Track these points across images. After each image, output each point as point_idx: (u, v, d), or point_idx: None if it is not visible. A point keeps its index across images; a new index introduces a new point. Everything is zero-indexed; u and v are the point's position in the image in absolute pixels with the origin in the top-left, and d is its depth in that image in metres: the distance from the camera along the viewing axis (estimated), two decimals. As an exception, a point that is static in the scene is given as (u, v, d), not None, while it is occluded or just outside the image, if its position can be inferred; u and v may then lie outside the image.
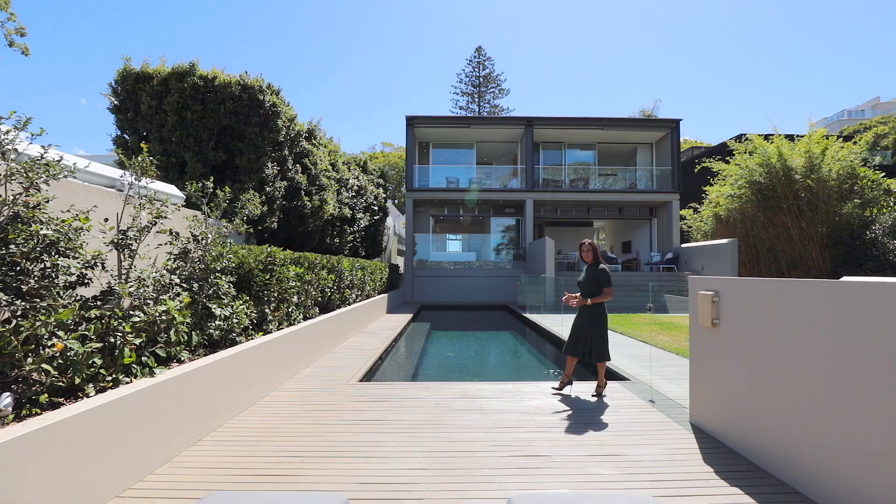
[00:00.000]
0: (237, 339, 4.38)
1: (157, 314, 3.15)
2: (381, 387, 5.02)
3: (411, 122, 18.43)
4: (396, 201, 40.94)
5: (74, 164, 3.02)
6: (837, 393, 2.40)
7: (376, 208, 15.74)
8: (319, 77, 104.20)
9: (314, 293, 6.70)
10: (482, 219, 20.81)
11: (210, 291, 4.05)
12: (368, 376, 5.87)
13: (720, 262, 14.95)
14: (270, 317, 5.14)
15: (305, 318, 6.47)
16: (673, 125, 18.66)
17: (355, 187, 12.55)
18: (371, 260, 13.74)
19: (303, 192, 8.24)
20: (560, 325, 9.92)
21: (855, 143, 13.19)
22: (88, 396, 2.57)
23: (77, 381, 2.50)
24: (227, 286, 4.26)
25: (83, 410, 2.34)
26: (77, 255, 2.74)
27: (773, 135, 14.82)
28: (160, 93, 6.81)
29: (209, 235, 4.09)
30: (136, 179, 3.30)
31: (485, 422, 3.82)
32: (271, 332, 5.11)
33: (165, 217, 3.38)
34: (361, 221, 13.39)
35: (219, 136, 6.99)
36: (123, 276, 3.11)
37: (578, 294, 4.67)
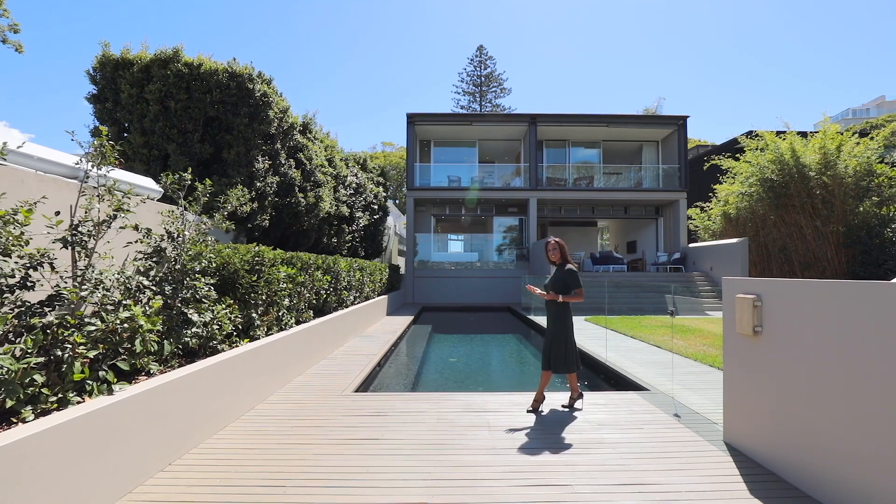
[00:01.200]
0: (219, 347, 3.97)
1: (118, 322, 2.74)
2: (378, 398, 4.61)
3: (412, 119, 18.03)
4: (398, 201, 40.53)
5: (4, 143, 2.58)
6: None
7: (376, 207, 15.32)
8: (320, 77, 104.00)
9: (308, 295, 6.29)
10: (484, 218, 20.40)
11: (187, 295, 3.64)
12: (365, 385, 5.45)
13: (730, 262, 14.51)
14: (258, 322, 4.73)
15: (298, 323, 6.06)
16: (680, 122, 18.21)
17: (354, 185, 12.10)
18: (371, 260, 13.33)
19: (297, 189, 7.79)
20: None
21: (872, 138, 12.73)
22: (25, 422, 2.16)
23: (9, 403, 2.08)
24: (206, 289, 3.85)
25: (13, 440, 1.92)
26: (14, 251, 2.33)
27: (783, 132, 14.38)
28: (141, 80, 6.39)
29: (186, 232, 3.68)
30: (95, 167, 2.89)
31: (493, 440, 3.40)
32: (259, 339, 4.71)
33: (127, 210, 2.97)
34: (360, 220, 12.96)
35: (205, 127, 6.55)
36: (78, 279, 2.70)
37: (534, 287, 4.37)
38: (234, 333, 4.36)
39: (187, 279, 3.57)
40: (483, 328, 12.13)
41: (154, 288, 3.23)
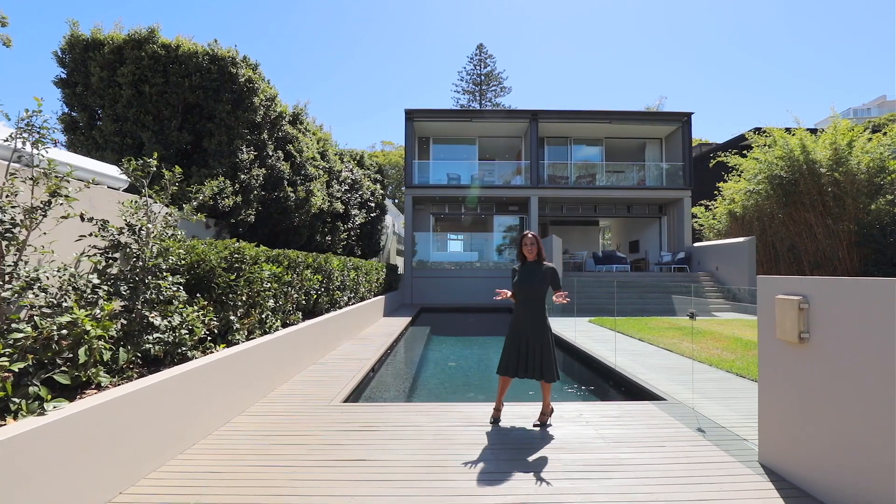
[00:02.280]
0: (189, 354, 3.54)
1: (55, 328, 2.31)
2: (369, 409, 4.18)
3: (410, 115, 17.61)
4: (397, 201, 40.13)
5: None
6: None
7: (373, 205, 14.86)
8: (321, 77, 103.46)
9: (296, 296, 5.87)
10: (484, 217, 19.98)
11: (151, 296, 3.21)
12: (356, 394, 5.03)
13: (737, 261, 14.12)
14: (237, 325, 4.30)
15: (285, 325, 5.63)
16: (684, 119, 17.80)
17: (349, 181, 11.63)
18: (367, 260, 12.90)
19: (286, 182, 7.34)
20: (572, 329, 9.08)
21: (884, 133, 12.33)
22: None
23: None
24: (175, 289, 3.43)
25: None
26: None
27: (791, 128, 13.98)
28: (113, 62, 5.89)
29: (150, 225, 3.25)
30: (29, 146, 2.46)
31: (499, 462, 2.98)
32: (238, 344, 4.28)
33: (67, 196, 2.54)
34: (356, 218, 12.50)
35: (184, 114, 6.08)
36: (6, 276, 2.27)
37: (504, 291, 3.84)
38: (209, 338, 3.93)
39: (150, 278, 3.14)
40: (483, 330, 11.69)
41: (108, 288, 2.81)
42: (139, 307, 3.10)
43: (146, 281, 3.14)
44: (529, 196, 17.45)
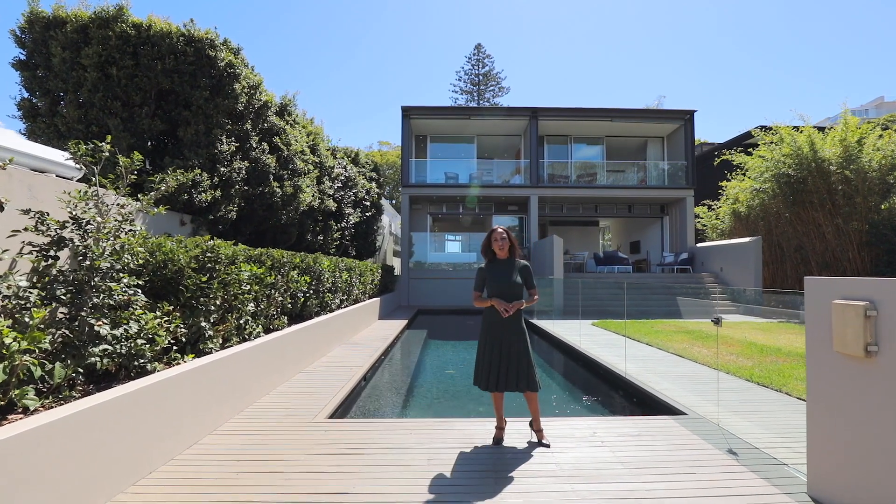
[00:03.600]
0: (149, 366, 3.09)
1: (-41, 341, 1.87)
2: (356, 427, 3.74)
3: (407, 112, 17.18)
4: (394, 201, 39.64)
5: None
6: None
7: (368, 204, 14.38)
8: (317, 76, 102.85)
9: (280, 299, 5.42)
10: (483, 217, 19.56)
11: (100, 300, 2.76)
12: (344, 407, 4.58)
13: (742, 262, 13.73)
14: (210, 332, 3.85)
15: (268, 331, 5.19)
16: (687, 117, 17.43)
17: (342, 178, 11.14)
18: (362, 261, 12.44)
19: (272, 177, 6.85)
20: (577, 333, 8.66)
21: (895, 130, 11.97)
22: None
23: None
24: (131, 292, 2.98)
25: None
26: None
27: (798, 126, 13.62)
28: (77, 42, 5.37)
29: (99, 218, 2.80)
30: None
31: (504, 495, 2.54)
32: (210, 353, 3.83)
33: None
34: (351, 217, 12.02)
35: (158, 101, 5.59)
36: None
37: (497, 300, 3.26)
38: (175, 348, 3.48)
39: (98, 279, 2.70)
40: (482, 333, 11.25)
41: (31, 291, 2.36)
42: (84, 314, 2.65)
43: (93, 283, 2.69)
44: (529, 195, 17.04)
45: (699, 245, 16.38)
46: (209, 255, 3.93)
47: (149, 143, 5.58)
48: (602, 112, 17.55)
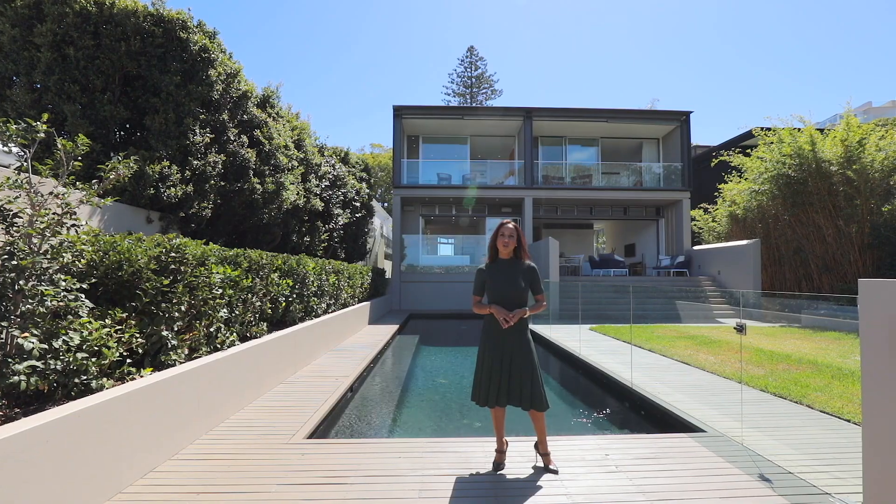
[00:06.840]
0: (94, 383, 2.65)
1: None
2: (338, 449, 3.31)
3: (399, 112, 16.80)
4: (386, 204, 39.19)
5: None
6: None
7: (358, 205, 13.92)
8: (309, 79, 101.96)
9: (259, 304, 4.98)
10: (476, 219, 19.22)
11: (28, 308, 2.32)
12: (327, 423, 4.15)
13: (740, 265, 13.50)
14: (174, 342, 3.41)
15: (244, 339, 4.74)
16: (683, 118, 17.24)
17: (330, 176, 10.67)
18: (352, 263, 11.98)
19: (251, 172, 6.36)
20: (576, 338, 8.29)
21: (898, 130, 11.80)
22: None
23: None
24: (69, 297, 2.54)
25: None
26: None
27: (798, 128, 13.44)
28: (29, 19, 4.87)
29: (29, 210, 2.36)
30: None
31: (507, 540, 2.14)
32: (174, 366, 3.39)
33: None
34: (339, 218, 11.56)
35: (123, 86, 5.12)
36: None
37: (497, 308, 2.87)
38: (128, 361, 3.03)
39: (22, 282, 2.26)
40: (477, 339, 10.85)
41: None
42: (6, 325, 2.21)
43: (18, 287, 2.25)
44: (523, 197, 16.72)
45: (696, 248, 16.15)
46: (173, 255, 3.49)
47: (117, 133, 5.10)
48: (597, 112, 17.31)
